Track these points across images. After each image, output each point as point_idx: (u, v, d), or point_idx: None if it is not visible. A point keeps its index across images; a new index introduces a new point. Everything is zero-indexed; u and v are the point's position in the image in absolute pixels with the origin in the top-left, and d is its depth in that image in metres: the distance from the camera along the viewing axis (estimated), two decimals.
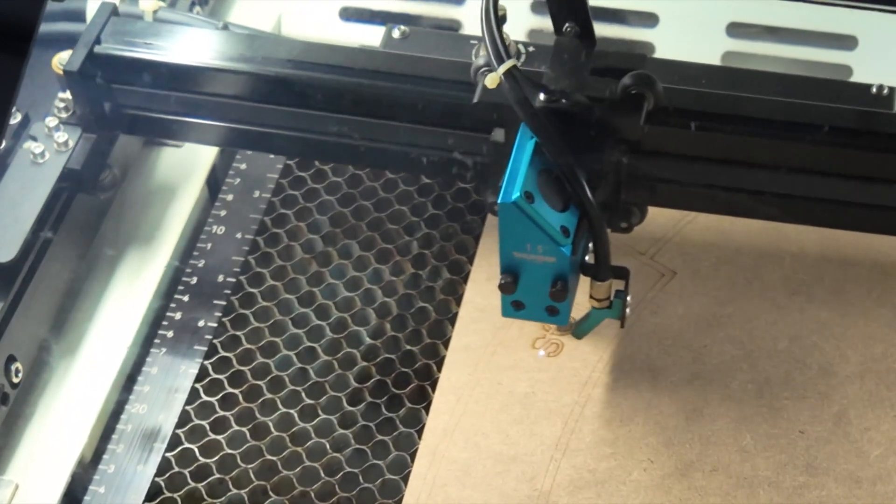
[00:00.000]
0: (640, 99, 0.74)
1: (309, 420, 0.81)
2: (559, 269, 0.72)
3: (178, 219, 0.89)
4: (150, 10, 0.86)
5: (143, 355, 0.84)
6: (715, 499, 0.76)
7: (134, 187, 0.91)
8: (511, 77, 0.70)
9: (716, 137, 0.75)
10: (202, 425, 0.81)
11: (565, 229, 0.71)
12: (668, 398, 0.80)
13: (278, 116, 0.82)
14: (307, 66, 0.80)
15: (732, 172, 0.76)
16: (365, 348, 0.84)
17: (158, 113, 0.84)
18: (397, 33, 0.84)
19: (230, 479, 0.79)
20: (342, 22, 1.00)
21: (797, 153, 0.75)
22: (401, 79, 0.79)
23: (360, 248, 0.88)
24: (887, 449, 0.77)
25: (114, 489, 0.79)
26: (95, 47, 0.82)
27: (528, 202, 0.70)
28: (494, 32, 0.71)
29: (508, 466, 0.78)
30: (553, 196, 0.71)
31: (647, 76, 0.74)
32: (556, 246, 0.71)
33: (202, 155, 0.92)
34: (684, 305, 0.83)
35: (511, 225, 0.70)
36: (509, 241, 0.71)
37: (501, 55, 0.70)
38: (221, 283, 0.87)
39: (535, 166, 0.71)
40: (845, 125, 0.74)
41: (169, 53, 0.82)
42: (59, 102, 0.85)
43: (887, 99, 0.77)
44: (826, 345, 0.81)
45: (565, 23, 0.76)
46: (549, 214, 0.70)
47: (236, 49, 0.82)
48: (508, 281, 0.73)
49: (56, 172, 0.83)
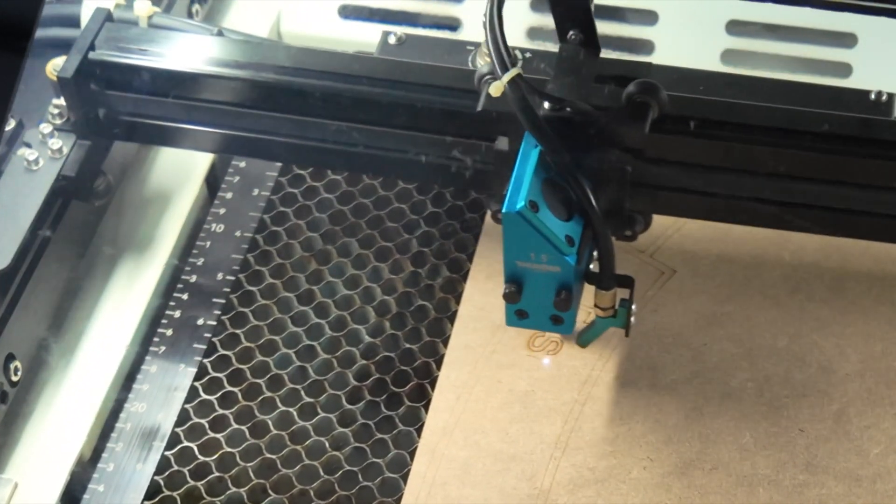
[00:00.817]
0: (644, 107, 0.73)
1: (308, 418, 0.81)
2: (564, 279, 0.72)
3: (178, 217, 0.89)
4: (144, 15, 0.86)
5: (142, 354, 0.84)
6: (715, 497, 0.76)
7: (133, 186, 0.91)
8: (515, 86, 0.70)
9: (719, 145, 0.75)
10: (201, 424, 0.81)
11: (570, 238, 0.71)
12: (667, 396, 0.80)
13: (274, 123, 0.81)
14: (302, 72, 0.80)
15: (736, 180, 0.76)
16: (364, 346, 0.84)
17: (153, 119, 0.84)
18: (393, 39, 0.83)
19: (229, 478, 0.79)
20: (341, 20, 1.00)
21: (801, 160, 0.74)
22: (398, 85, 0.79)
23: (359, 245, 0.88)
24: (887, 447, 0.77)
25: (113, 487, 0.79)
26: (90, 54, 0.82)
27: (533, 211, 0.69)
28: (499, 40, 0.70)
29: (508, 465, 0.78)
30: (557, 205, 0.71)
31: (652, 84, 0.74)
32: (560, 255, 0.70)
33: (201, 154, 0.91)
34: (684, 303, 0.83)
35: (515, 234, 0.70)
36: (513, 250, 0.71)
37: (506, 63, 0.70)
38: (221, 281, 0.87)
39: (539, 175, 0.71)
40: (847, 132, 0.74)
41: (163, 60, 0.81)
42: (53, 109, 0.84)
43: (887, 105, 0.77)
44: (826, 343, 0.81)
45: (569, 30, 0.76)
46: (553, 224, 0.70)
47: (231, 55, 0.81)
48: (512, 290, 0.73)
49: (50, 179, 0.82)
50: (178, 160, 0.91)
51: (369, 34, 0.98)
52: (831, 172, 0.75)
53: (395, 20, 0.99)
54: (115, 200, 0.89)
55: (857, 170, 0.74)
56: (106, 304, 0.86)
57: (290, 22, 0.99)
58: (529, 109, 0.70)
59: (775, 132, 0.74)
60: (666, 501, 0.76)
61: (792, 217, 0.77)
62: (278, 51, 0.82)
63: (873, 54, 0.94)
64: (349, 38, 0.98)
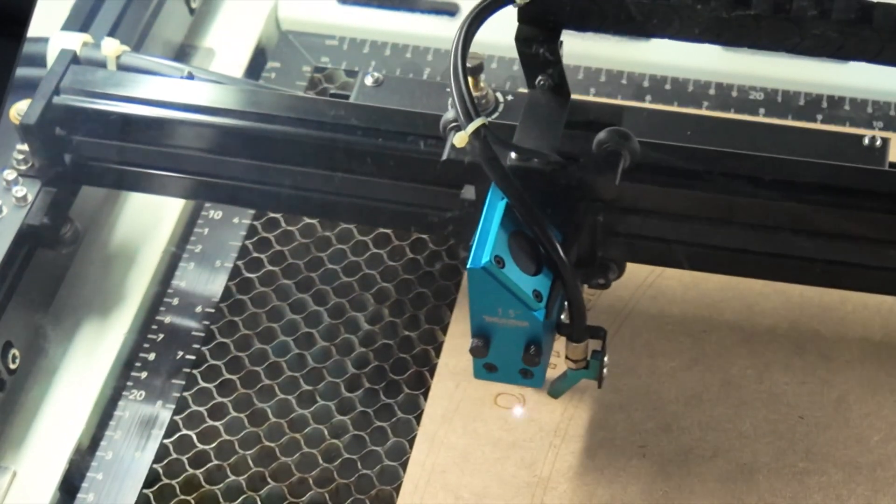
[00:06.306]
0: (615, 156, 0.70)
1: (307, 406, 0.81)
2: (532, 334, 0.69)
3: (176, 205, 0.89)
4: (112, 54, 0.83)
5: (140, 342, 0.84)
6: (714, 484, 0.76)
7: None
8: (480, 136, 0.66)
9: (694, 195, 0.72)
10: (200, 412, 0.81)
11: (538, 293, 0.68)
12: (667, 384, 0.80)
13: (244, 169, 0.79)
14: (274, 119, 0.77)
15: (713, 230, 0.73)
16: (363, 334, 0.84)
17: (120, 165, 0.81)
18: (370, 80, 0.81)
19: (228, 466, 0.79)
20: (339, 5, 0.99)
21: (780, 212, 0.71)
22: (370, 132, 0.75)
23: (357, 231, 0.88)
24: (887, 434, 0.77)
25: (111, 476, 0.79)
26: (54, 98, 0.78)
27: (499, 267, 0.66)
28: (462, 89, 0.67)
29: (507, 452, 0.78)
30: (525, 259, 0.68)
31: (622, 132, 0.70)
32: (528, 311, 0.67)
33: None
34: (684, 290, 0.83)
35: (481, 289, 0.67)
36: (480, 305, 0.68)
37: (470, 113, 0.66)
38: (218, 268, 0.86)
39: (506, 228, 0.68)
40: (834, 183, 0.71)
41: (129, 105, 0.78)
42: (17, 154, 0.81)
43: (880, 151, 0.74)
44: (826, 330, 0.81)
45: (538, 75, 0.73)
46: (520, 279, 0.67)
47: (200, 100, 0.78)
48: (479, 345, 0.70)
49: (14, 228, 0.79)
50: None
51: (368, 20, 0.98)
52: (819, 224, 0.72)
53: (392, 6, 0.98)
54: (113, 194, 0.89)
55: (846, 222, 0.71)
56: (104, 291, 0.85)
57: (288, 8, 0.99)
58: (494, 161, 0.67)
59: (757, 182, 0.71)
60: (665, 489, 0.76)
61: (776, 269, 0.75)
62: (248, 95, 0.79)
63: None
64: (347, 24, 0.98)
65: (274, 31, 0.99)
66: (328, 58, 0.97)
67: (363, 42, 0.97)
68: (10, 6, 0.67)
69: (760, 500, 0.75)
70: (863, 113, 0.91)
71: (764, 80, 0.93)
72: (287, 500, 0.78)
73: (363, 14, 0.98)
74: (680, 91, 0.93)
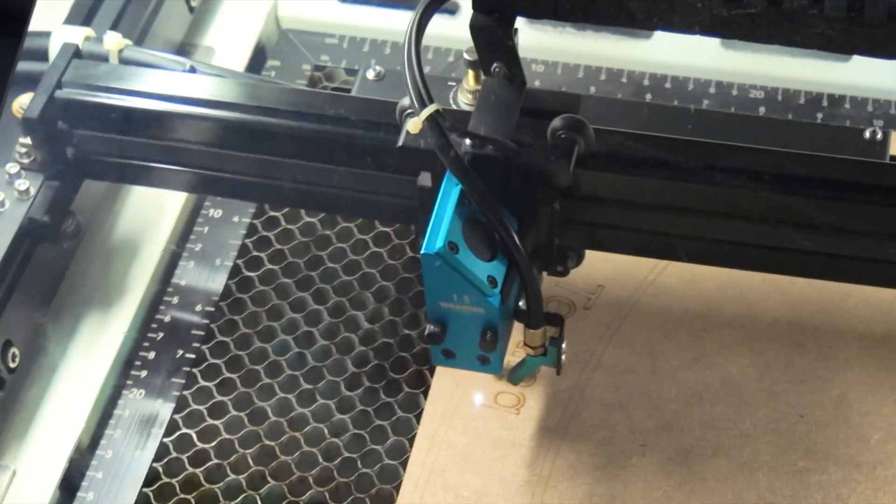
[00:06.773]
0: (569, 144, 0.70)
1: (307, 405, 0.81)
2: (488, 320, 0.69)
3: (176, 202, 0.89)
4: (115, 49, 0.83)
5: (139, 340, 0.84)
6: (714, 483, 0.76)
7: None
8: (433, 122, 0.67)
9: (651, 183, 0.71)
10: (200, 410, 0.81)
11: (492, 279, 0.68)
12: (667, 382, 0.79)
13: (245, 162, 0.79)
14: (275, 112, 0.77)
15: (668, 218, 0.73)
16: (363, 332, 0.84)
17: (123, 158, 0.81)
18: (372, 74, 0.81)
19: (228, 465, 0.79)
20: (339, 4, 0.99)
21: (771, 204, 0.71)
22: (371, 126, 0.75)
23: (357, 230, 0.88)
24: (887, 433, 0.77)
25: (111, 475, 0.79)
26: (56, 92, 0.79)
27: (453, 253, 0.66)
28: (416, 75, 0.67)
29: (508, 451, 0.78)
30: (480, 245, 0.68)
31: (577, 119, 0.70)
32: (483, 297, 0.68)
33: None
34: (684, 288, 0.83)
35: (435, 276, 0.67)
36: (435, 291, 0.68)
37: (424, 99, 0.67)
38: (218, 266, 0.86)
39: (461, 214, 0.68)
40: (830, 177, 0.70)
41: (132, 99, 0.79)
42: (20, 148, 0.81)
43: (881, 145, 0.73)
44: (826, 328, 0.81)
45: (493, 62, 0.73)
46: (474, 265, 0.67)
47: (202, 93, 0.78)
48: (436, 331, 0.70)
49: (17, 221, 0.79)
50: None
51: (368, 18, 0.98)
52: (818, 219, 0.71)
53: (392, 4, 0.98)
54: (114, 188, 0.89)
55: (838, 216, 0.71)
56: (104, 289, 0.85)
57: (287, 6, 0.99)
58: (447, 147, 0.67)
59: (711, 170, 0.71)
60: (665, 487, 0.76)
61: (736, 256, 0.74)
62: (249, 89, 0.79)
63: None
64: (347, 22, 0.98)
65: (274, 29, 0.99)
66: (328, 56, 0.97)
67: (363, 40, 0.97)
68: (11, 4, 0.67)
69: (760, 499, 0.75)
70: (863, 111, 0.91)
71: (764, 78, 0.93)
72: (287, 498, 0.78)
73: (363, 12, 0.98)
74: (680, 90, 0.93)
